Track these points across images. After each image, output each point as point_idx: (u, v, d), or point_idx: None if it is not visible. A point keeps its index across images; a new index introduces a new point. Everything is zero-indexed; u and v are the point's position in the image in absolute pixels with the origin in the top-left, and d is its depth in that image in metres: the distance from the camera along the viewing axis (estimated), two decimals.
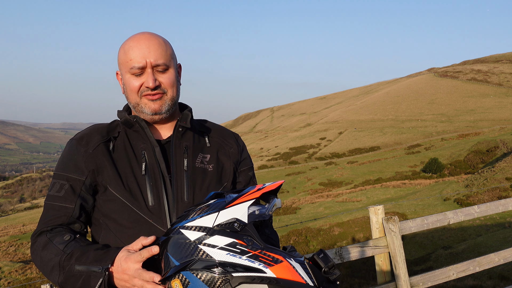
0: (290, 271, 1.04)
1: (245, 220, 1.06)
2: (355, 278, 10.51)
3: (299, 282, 1.04)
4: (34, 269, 21.81)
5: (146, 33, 1.35)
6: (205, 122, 1.55)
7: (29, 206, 72.72)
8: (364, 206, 21.64)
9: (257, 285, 1.01)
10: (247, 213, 1.07)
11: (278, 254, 1.05)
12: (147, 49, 1.31)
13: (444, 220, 3.71)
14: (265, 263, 1.02)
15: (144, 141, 1.37)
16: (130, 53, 1.32)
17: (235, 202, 1.08)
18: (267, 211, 1.12)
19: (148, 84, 1.31)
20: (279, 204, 1.19)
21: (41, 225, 1.30)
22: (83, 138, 1.37)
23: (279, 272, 1.02)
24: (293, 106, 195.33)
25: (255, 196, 1.10)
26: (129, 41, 1.34)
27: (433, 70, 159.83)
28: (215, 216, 1.05)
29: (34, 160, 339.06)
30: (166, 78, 1.35)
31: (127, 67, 1.33)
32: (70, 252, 1.19)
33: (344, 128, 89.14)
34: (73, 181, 1.32)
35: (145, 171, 1.32)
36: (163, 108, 1.36)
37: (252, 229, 1.06)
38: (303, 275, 1.05)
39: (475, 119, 78.57)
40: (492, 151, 39.90)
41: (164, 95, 1.36)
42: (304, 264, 1.08)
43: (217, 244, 1.02)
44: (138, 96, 1.35)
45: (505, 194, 19.26)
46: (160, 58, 1.33)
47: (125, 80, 1.36)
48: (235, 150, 1.51)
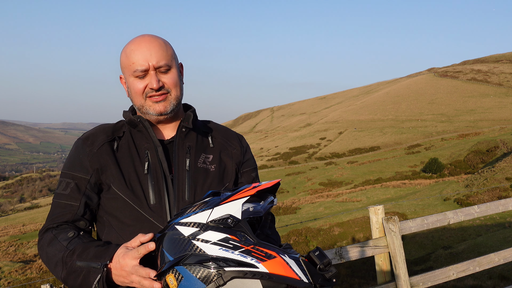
0: (284, 267, 1.03)
1: (238, 216, 1.06)
2: (355, 278, 10.51)
3: (293, 278, 1.03)
4: (34, 269, 21.82)
5: (146, 36, 1.38)
6: (209, 122, 1.57)
7: (29, 206, 72.71)
8: (364, 206, 21.64)
9: (250, 280, 1.00)
10: (241, 209, 1.07)
11: (272, 250, 1.05)
12: (149, 52, 1.34)
13: (444, 220, 3.71)
14: (258, 258, 1.01)
15: (148, 141, 1.40)
16: (132, 57, 1.35)
17: (229, 199, 1.09)
18: (261, 208, 1.12)
19: (152, 86, 1.35)
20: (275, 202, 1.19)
21: (48, 222, 1.35)
22: (88, 137, 1.41)
23: (272, 267, 1.01)
24: (293, 106, 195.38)
25: (250, 193, 1.10)
26: (130, 44, 1.38)
27: (433, 70, 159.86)
28: (209, 212, 1.06)
29: (34, 160, 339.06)
30: (169, 78, 1.38)
31: (130, 70, 1.36)
32: (73, 248, 1.23)
33: (344, 128, 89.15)
34: (78, 179, 1.36)
35: (147, 170, 1.35)
36: (168, 108, 1.39)
37: (245, 225, 1.06)
38: (297, 271, 1.05)
39: (475, 119, 78.60)
40: (492, 151, 39.90)
41: (168, 95, 1.39)
42: (298, 260, 1.08)
43: (210, 239, 1.02)
44: (143, 98, 1.38)
45: (505, 194, 19.27)
46: (162, 59, 1.36)
47: (129, 83, 1.39)
48: (238, 151, 1.53)
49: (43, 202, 73.20)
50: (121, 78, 1.46)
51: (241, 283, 1.00)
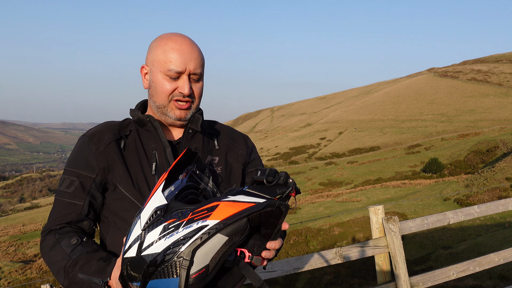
0: (231, 206, 0.99)
1: (164, 202, 1.03)
2: (355, 278, 10.52)
3: (248, 208, 0.99)
4: (34, 269, 21.83)
5: (186, 38, 1.35)
6: (215, 124, 1.55)
7: (29, 206, 72.65)
8: (364, 206, 21.64)
9: (211, 240, 0.96)
10: (163, 196, 1.04)
11: (212, 202, 1.00)
12: (189, 56, 1.31)
13: (444, 220, 3.71)
14: (202, 218, 0.97)
15: (156, 141, 1.37)
16: (171, 55, 1.31)
17: (149, 197, 1.06)
18: (183, 180, 1.10)
19: (184, 91, 1.32)
20: (194, 166, 1.19)
21: (51, 222, 1.31)
22: (95, 135, 1.37)
23: (220, 215, 0.97)
24: (293, 106, 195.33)
25: (163, 179, 1.08)
26: (170, 41, 1.33)
27: (433, 70, 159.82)
28: (138, 221, 1.03)
29: (34, 160, 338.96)
30: (198, 88, 1.37)
31: (164, 67, 1.32)
32: (76, 258, 1.21)
33: (344, 128, 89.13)
34: (83, 178, 1.32)
35: (155, 171, 1.33)
36: (187, 116, 1.38)
37: (176, 203, 1.03)
38: (248, 200, 1.00)
39: (475, 119, 78.56)
40: (492, 151, 39.90)
41: (192, 104, 1.37)
42: (245, 191, 1.04)
43: (153, 239, 0.98)
44: (167, 99, 1.35)
45: (505, 194, 19.26)
46: (198, 67, 1.34)
47: (157, 79, 1.34)
48: (244, 152, 1.51)
49: (43, 202, 73.16)
50: (143, 68, 1.40)
51: (207, 249, 0.96)
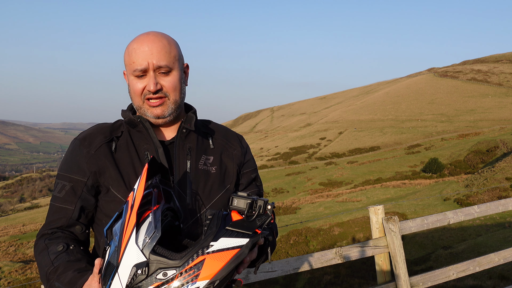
0: (219, 259, 0.91)
1: (143, 259, 0.89)
2: (355, 278, 10.51)
3: (235, 256, 0.91)
4: (34, 269, 21.82)
5: (150, 34, 1.33)
6: (209, 123, 1.53)
7: (29, 206, 72.63)
8: (364, 206, 21.64)
9: None
10: (139, 250, 0.90)
11: (197, 255, 0.91)
12: (150, 51, 1.29)
13: (444, 220, 3.71)
14: (192, 280, 0.89)
15: (147, 142, 1.36)
16: (133, 55, 1.31)
17: (122, 246, 0.91)
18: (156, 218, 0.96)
19: (150, 88, 1.30)
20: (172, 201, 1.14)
21: (44, 226, 1.33)
22: (86, 138, 1.37)
23: (208, 272, 0.89)
24: (293, 106, 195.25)
25: (132, 224, 0.93)
26: (133, 42, 1.33)
27: (433, 70, 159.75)
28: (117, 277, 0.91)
29: (34, 160, 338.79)
30: (168, 82, 1.33)
31: (130, 69, 1.32)
32: (57, 266, 1.21)
33: (344, 128, 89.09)
34: (74, 182, 1.32)
35: None
36: (165, 112, 1.35)
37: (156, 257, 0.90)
38: (232, 245, 0.92)
39: (475, 119, 78.54)
40: (492, 151, 39.88)
41: (166, 99, 1.34)
42: (227, 229, 0.95)
43: None
44: (141, 99, 1.34)
45: (505, 194, 19.25)
46: (162, 59, 1.30)
47: (129, 82, 1.35)
48: (239, 152, 1.50)
49: (43, 202, 73.11)
50: (124, 74, 1.41)
51: None
